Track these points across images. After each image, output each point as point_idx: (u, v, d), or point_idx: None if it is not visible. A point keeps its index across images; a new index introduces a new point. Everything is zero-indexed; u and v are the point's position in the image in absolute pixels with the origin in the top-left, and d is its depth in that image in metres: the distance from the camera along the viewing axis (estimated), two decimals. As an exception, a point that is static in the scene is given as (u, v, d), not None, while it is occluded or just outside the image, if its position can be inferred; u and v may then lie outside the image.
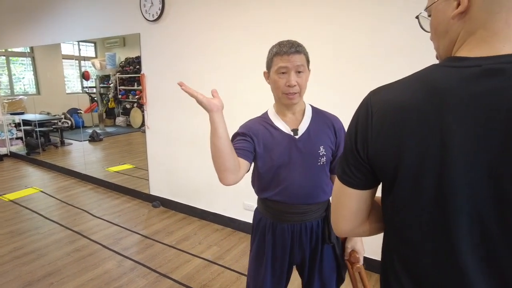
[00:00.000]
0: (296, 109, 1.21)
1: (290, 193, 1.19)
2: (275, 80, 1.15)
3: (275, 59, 1.13)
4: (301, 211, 1.21)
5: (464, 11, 0.54)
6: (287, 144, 1.18)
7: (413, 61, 1.94)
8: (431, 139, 0.53)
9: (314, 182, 1.20)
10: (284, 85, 1.12)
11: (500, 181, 0.49)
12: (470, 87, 0.50)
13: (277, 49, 1.13)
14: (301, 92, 1.16)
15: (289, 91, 1.13)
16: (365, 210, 0.68)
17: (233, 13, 2.60)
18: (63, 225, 3.07)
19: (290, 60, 1.10)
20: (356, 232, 0.71)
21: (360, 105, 0.64)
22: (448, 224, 0.53)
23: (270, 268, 1.27)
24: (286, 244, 1.24)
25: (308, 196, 1.20)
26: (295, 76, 1.12)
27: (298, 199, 1.20)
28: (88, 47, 4.41)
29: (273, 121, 1.22)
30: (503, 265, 0.51)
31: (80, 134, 4.85)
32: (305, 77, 1.15)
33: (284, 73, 1.12)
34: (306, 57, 1.15)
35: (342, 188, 0.67)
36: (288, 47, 1.11)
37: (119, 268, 2.39)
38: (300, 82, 1.13)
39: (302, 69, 1.12)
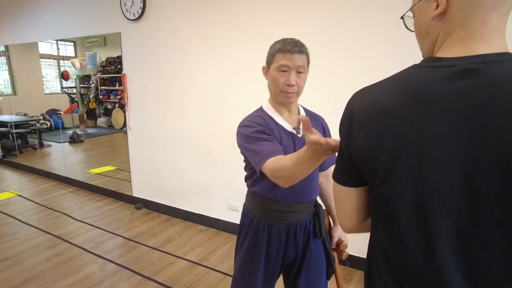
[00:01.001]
0: (292, 108, 1.22)
1: (290, 192, 1.17)
2: (274, 77, 1.13)
3: (278, 55, 1.12)
4: (298, 209, 1.22)
5: (443, 12, 0.55)
6: (290, 142, 1.17)
7: (405, 61, 1.98)
8: (409, 139, 0.54)
9: (312, 181, 1.22)
10: (284, 83, 1.12)
11: (473, 179, 0.50)
12: (446, 87, 0.52)
13: (280, 46, 1.12)
14: (299, 92, 1.16)
15: (288, 90, 1.13)
16: (360, 207, 0.70)
17: (214, 12, 2.59)
18: (42, 229, 2.98)
19: (292, 59, 1.09)
20: (360, 228, 0.73)
21: (345, 107, 0.66)
22: (426, 223, 0.55)
23: (263, 269, 1.25)
24: (281, 244, 1.23)
25: (306, 195, 1.21)
26: (295, 76, 1.11)
27: (297, 198, 1.20)
28: (67, 46, 4.29)
29: (274, 118, 1.19)
30: (477, 264, 0.52)
31: (60, 136, 4.72)
32: (304, 77, 1.15)
33: (284, 71, 1.12)
34: (307, 58, 1.15)
35: (337, 186, 0.70)
36: (292, 45, 1.10)
37: (101, 272, 2.34)
38: (299, 82, 1.13)
39: (302, 69, 1.12)
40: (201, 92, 2.80)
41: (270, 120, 1.18)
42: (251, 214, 1.27)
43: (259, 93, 1.92)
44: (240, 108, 2.59)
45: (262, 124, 1.14)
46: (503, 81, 0.48)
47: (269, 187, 1.19)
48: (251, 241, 1.26)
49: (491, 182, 0.49)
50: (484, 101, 0.49)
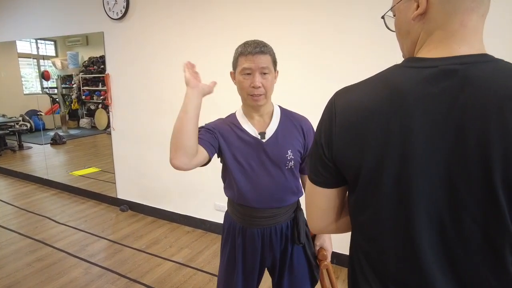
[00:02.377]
0: (264, 111, 1.19)
1: (258, 197, 1.17)
2: (240, 81, 1.13)
3: (240, 59, 1.11)
4: (270, 214, 1.20)
5: (423, 13, 0.55)
6: (254, 147, 1.16)
7: (381, 61, 2.03)
8: (391, 139, 0.54)
9: (282, 186, 1.18)
10: (249, 86, 1.10)
11: (454, 180, 0.51)
12: (428, 88, 0.52)
13: (241, 49, 1.11)
14: (267, 93, 1.13)
15: (254, 93, 1.11)
16: (336, 208, 0.69)
17: (200, 12, 2.58)
18: (23, 233, 2.90)
19: (254, 61, 1.08)
20: (330, 229, 0.72)
21: (326, 106, 0.65)
22: (408, 224, 0.55)
23: (241, 273, 1.25)
24: (256, 248, 1.23)
25: (277, 200, 1.19)
26: (260, 77, 1.09)
27: (267, 203, 1.18)
28: (47, 45, 4.18)
29: (241, 123, 1.19)
30: (459, 264, 0.53)
31: (41, 137, 4.60)
32: (270, 78, 1.12)
33: (249, 74, 1.10)
34: (272, 58, 1.13)
35: (312, 187, 0.69)
36: (253, 47, 1.08)
37: (86, 275, 2.29)
38: (265, 83, 1.11)
39: (267, 70, 1.10)
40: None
41: (234, 126, 1.19)
42: (230, 218, 1.29)
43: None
44: (226, 108, 2.59)
45: (218, 127, 1.19)
46: (481, 83, 0.49)
47: (238, 193, 1.19)
48: (231, 245, 1.27)
49: (471, 183, 0.50)
50: (463, 103, 0.49)
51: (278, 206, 1.20)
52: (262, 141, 1.17)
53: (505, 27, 1.71)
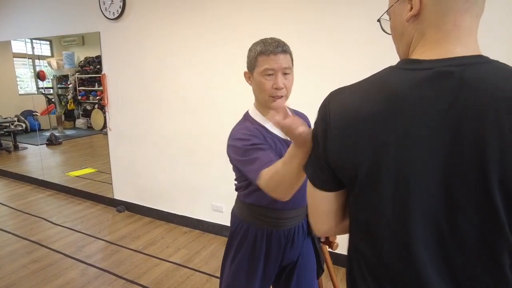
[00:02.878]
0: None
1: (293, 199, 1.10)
2: (260, 82, 1.06)
3: (260, 59, 1.05)
4: (297, 214, 1.19)
5: (417, 14, 0.55)
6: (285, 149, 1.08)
7: (377, 61, 2.03)
8: (386, 143, 0.53)
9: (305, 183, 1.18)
10: (271, 87, 1.05)
11: (450, 182, 0.51)
12: (423, 90, 0.52)
13: (261, 48, 1.04)
14: (288, 94, 1.10)
15: (277, 94, 1.06)
16: (339, 210, 0.68)
17: (196, 12, 2.58)
18: (19, 235, 2.88)
19: (277, 61, 1.03)
20: (335, 231, 0.71)
21: (320, 108, 0.64)
22: (404, 226, 0.55)
23: (261, 276, 1.22)
24: (281, 250, 1.21)
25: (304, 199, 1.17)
26: (283, 78, 1.05)
27: (296, 203, 1.15)
28: (43, 45, 4.15)
29: (267, 127, 1.13)
30: (455, 265, 0.53)
31: (37, 138, 4.57)
32: (291, 78, 1.09)
33: (270, 75, 1.05)
34: (291, 57, 1.09)
35: (313, 190, 0.67)
36: (274, 46, 1.03)
37: (82, 277, 2.28)
38: (287, 84, 1.07)
39: (289, 70, 1.06)
40: (183, 92, 2.78)
41: (263, 129, 1.12)
42: (245, 224, 1.22)
43: (242, 92, 1.92)
44: (223, 108, 2.59)
45: (258, 136, 1.06)
46: (477, 85, 0.49)
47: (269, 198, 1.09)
48: (248, 249, 1.21)
49: (467, 184, 0.50)
50: (459, 105, 0.49)
51: (304, 204, 1.19)
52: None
53: (502, 27, 1.72)
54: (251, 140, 1.04)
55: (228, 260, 1.28)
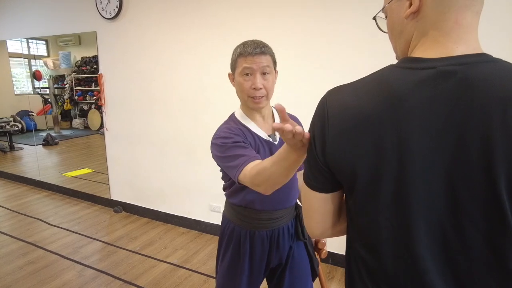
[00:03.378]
0: (265, 113, 1.16)
1: (272, 201, 1.14)
2: (240, 83, 1.09)
3: (239, 60, 1.07)
4: (280, 215, 1.20)
5: (416, 11, 0.54)
6: (267, 150, 1.13)
7: (372, 60, 2.03)
8: (388, 143, 0.52)
9: (291, 185, 1.17)
10: (250, 87, 1.07)
11: (455, 185, 0.49)
12: (426, 90, 0.50)
13: (241, 50, 1.07)
14: (268, 95, 1.10)
15: (255, 95, 1.07)
16: (334, 212, 0.67)
17: (194, 11, 2.57)
18: (15, 236, 2.85)
19: (255, 61, 1.05)
20: (330, 233, 0.70)
21: (317, 107, 0.62)
22: (406, 231, 0.54)
23: (247, 276, 1.23)
24: (265, 251, 1.21)
25: (287, 201, 1.19)
26: (261, 78, 1.06)
27: (279, 205, 1.17)
28: (39, 45, 4.12)
29: (249, 127, 1.15)
30: (461, 271, 0.52)
31: (33, 138, 4.53)
32: (271, 79, 1.10)
33: (249, 75, 1.07)
34: (272, 58, 1.10)
35: (308, 191, 0.66)
36: (252, 47, 1.05)
37: (79, 278, 2.27)
38: (267, 84, 1.07)
39: (268, 70, 1.07)
40: (181, 92, 2.77)
41: (245, 129, 1.13)
42: (231, 224, 1.24)
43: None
44: (220, 108, 2.58)
45: (239, 134, 1.08)
46: (482, 85, 0.48)
47: (248, 198, 1.15)
48: (234, 249, 1.23)
49: (473, 188, 0.48)
50: (464, 106, 0.48)
51: (288, 206, 1.20)
52: (274, 143, 1.15)
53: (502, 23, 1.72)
54: (233, 138, 1.05)
55: (219, 261, 1.30)
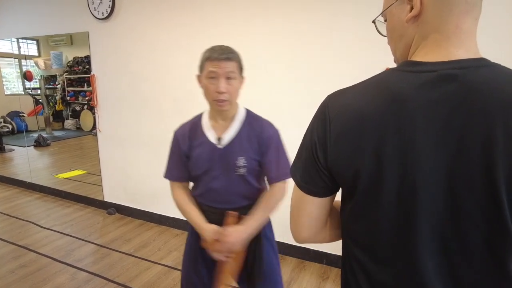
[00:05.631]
0: (228, 116, 1.22)
1: (209, 197, 1.24)
2: (205, 86, 1.15)
3: (206, 63, 1.13)
4: (218, 212, 1.23)
5: (418, 15, 0.54)
6: (210, 152, 1.21)
7: (367, 64, 2.04)
8: (390, 144, 0.52)
9: (232, 190, 1.22)
10: (214, 91, 1.12)
11: (456, 188, 0.50)
12: (427, 93, 0.51)
13: (208, 54, 1.13)
14: (231, 99, 1.16)
15: (219, 98, 1.13)
16: (324, 216, 0.67)
17: (186, 11, 2.56)
18: (5, 239, 2.81)
19: (220, 66, 1.10)
20: (315, 238, 0.70)
21: (317, 111, 0.62)
22: (408, 234, 0.54)
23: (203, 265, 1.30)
24: None
25: (226, 202, 1.23)
26: (225, 83, 1.12)
27: (215, 203, 1.24)
28: (29, 45, 4.06)
29: (204, 127, 1.24)
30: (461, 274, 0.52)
31: (24, 139, 4.47)
32: (236, 84, 1.15)
33: (214, 78, 1.12)
34: (238, 64, 1.15)
35: (302, 196, 0.65)
36: (219, 53, 1.10)
37: (72, 281, 2.24)
38: (230, 89, 1.13)
39: (232, 75, 1.12)
40: (174, 92, 2.75)
41: (199, 129, 1.24)
42: None
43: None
44: (215, 110, 2.57)
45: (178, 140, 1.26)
46: (480, 88, 0.49)
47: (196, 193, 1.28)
48: (192, 235, 1.33)
49: (474, 191, 0.49)
50: (465, 109, 0.49)
51: (227, 207, 1.23)
52: (218, 146, 1.20)
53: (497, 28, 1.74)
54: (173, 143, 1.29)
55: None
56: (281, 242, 2.52)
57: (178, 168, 1.28)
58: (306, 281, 2.28)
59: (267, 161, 1.21)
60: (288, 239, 2.44)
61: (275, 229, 1.43)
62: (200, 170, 1.22)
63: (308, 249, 2.48)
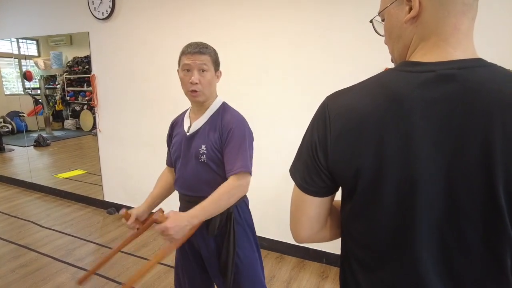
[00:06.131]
0: (204, 107, 1.30)
1: (179, 183, 1.34)
2: (181, 78, 1.25)
3: (182, 57, 1.24)
4: (189, 200, 1.29)
5: (416, 16, 0.55)
6: (180, 140, 1.32)
7: (367, 64, 2.05)
8: (389, 145, 0.53)
9: (197, 176, 1.28)
10: (188, 82, 1.22)
11: (454, 187, 0.50)
12: (426, 93, 0.51)
13: (184, 49, 1.23)
14: (205, 90, 1.24)
15: (192, 88, 1.22)
16: (324, 216, 0.68)
17: (187, 11, 2.57)
18: (6, 239, 2.82)
19: (193, 59, 1.20)
20: (315, 238, 0.70)
21: (317, 112, 0.62)
22: (407, 232, 0.54)
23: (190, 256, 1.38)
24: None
25: (192, 189, 1.30)
26: (198, 75, 1.21)
27: (184, 189, 1.33)
28: (29, 45, 4.07)
29: (184, 118, 1.37)
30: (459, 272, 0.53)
31: (24, 139, 4.48)
32: (208, 76, 1.23)
33: (188, 71, 1.22)
34: (212, 58, 1.24)
35: (302, 196, 0.65)
36: (193, 47, 1.21)
37: (72, 281, 2.25)
38: (203, 81, 1.22)
39: (205, 68, 1.22)
40: (174, 92, 2.75)
41: (181, 119, 1.38)
42: None
43: (232, 92, 1.93)
44: (215, 109, 2.58)
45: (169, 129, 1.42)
46: (478, 88, 0.49)
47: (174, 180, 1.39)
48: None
49: (472, 190, 0.49)
50: (463, 108, 0.49)
51: (193, 194, 1.29)
52: (186, 134, 1.30)
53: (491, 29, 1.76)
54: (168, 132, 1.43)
55: None
56: (281, 241, 2.53)
57: (168, 154, 1.45)
58: (306, 280, 2.29)
59: (225, 153, 1.24)
60: (288, 239, 2.45)
61: (274, 229, 1.44)
62: (173, 156, 1.35)
63: (308, 249, 2.49)
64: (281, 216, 2.39)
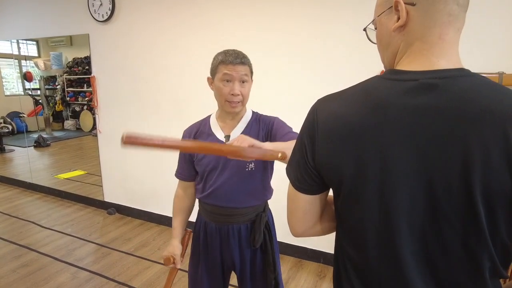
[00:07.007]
0: (237, 116, 1.26)
1: (217, 197, 1.24)
2: (219, 88, 1.18)
3: (220, 66, 1.16)
4: (227, 213, 1.24)
5: (403, 25, 0.57)
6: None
7: (364, 66, 2.08)
8: (372, 151, 0.55)
9: (241, 187, 1.23)
10: (228, 93, 1.16)
11: (434, 191, 0.52)
12: (408, 101, 0.53)
13: (222, 57, 1.16)
14: (244, 101, 1.20)
15: (233, 100, 1.17)
16: (317, 211, 0.71)
17: (186, 13, 2.59)
18: (7, 239, 2.84)
19: (235, 70, 1.14)
20: (309, 232, 0.74)
21: (308, 114, 0.66)
22: (390, 234, 0.57)
23: (204, 266, 1.31)
24: (216, 244, 1.28)
25: (234, 201, 1.23)
26: (239, 86, 1.16)
27: (224, 202, 1.24)
28: (29, 46, 4.09)
29: (211, 126, 1.27)
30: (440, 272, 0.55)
31: (24, 140, 4.49)
32: (248, 87, 1.20)
33: (228, 81, 1.16)
34: (250, 68, 1.20)
35: (295, 193, 0.69)
36: (234, 57, 1.15)
37: (73, 280, 2.27)
38: (244, 91, 1.18)
39: (246, 79, 1.18)
40: (174, 94, 2.78)
41: (206, 128, 1.28)
42: (199, 215, 1.38)
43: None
44: (213, 110, 2.60)
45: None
46: (461, 97, 0.51)
47: (201, 190, 1.29)
48: (195, 238, 1.36)
49: (451, 194, 0.52)
50: (442, 117, 0.51)
51: (236, 206, 1.24)
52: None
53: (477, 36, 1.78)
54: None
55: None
56: (279, 241, 2.55)
57: (181, 167, 1.35)
58: (304, 279, 2.32)
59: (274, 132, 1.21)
60: (286, 239, 2.48)
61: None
62: (206, 168, 1.24)
63: (305, 248, 2.51)
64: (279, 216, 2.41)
